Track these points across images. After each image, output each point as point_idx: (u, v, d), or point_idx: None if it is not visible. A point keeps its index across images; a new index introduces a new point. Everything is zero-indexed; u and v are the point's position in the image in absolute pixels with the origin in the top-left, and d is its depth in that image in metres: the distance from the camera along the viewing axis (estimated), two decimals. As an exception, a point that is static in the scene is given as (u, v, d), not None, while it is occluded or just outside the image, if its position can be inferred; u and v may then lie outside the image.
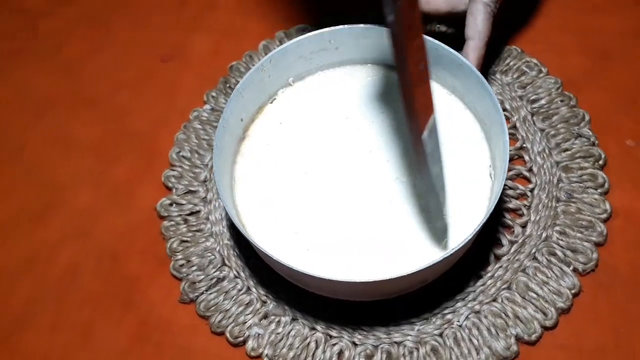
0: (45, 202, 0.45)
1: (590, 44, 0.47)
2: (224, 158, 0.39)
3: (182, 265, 0.42)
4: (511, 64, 0.47)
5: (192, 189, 0.44)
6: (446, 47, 0.39)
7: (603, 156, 0.42)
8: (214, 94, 0.48)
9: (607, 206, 0.40)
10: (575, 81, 0.46)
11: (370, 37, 0.41)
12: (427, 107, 0.32)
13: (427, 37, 0.39)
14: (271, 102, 0.43)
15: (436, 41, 0.39)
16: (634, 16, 0.48)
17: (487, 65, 0.47)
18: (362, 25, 0.41)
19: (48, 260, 0.43)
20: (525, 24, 0.49)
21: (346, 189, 0.39)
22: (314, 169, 0.40)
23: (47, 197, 0.46)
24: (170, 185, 0.45)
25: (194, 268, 0.42)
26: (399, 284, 0.35)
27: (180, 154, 0.46)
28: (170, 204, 0.44)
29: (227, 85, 0.49)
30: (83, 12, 0.55)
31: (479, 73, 0.38)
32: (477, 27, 0.39)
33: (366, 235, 0.37)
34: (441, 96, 0.42)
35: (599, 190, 0.41)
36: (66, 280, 0.42)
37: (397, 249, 0.37)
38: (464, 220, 0.37)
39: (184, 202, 0.44)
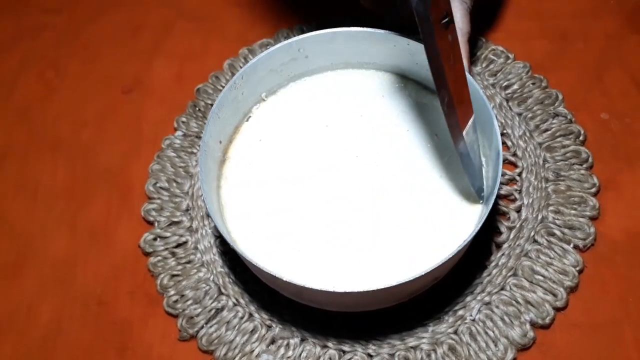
0: (18, 255, 0.42)
1: (549, 27, 0.49)
2: (208, 184, 0.37)
3: (176, 301, 0.39)
4: (478, 53, 0.47)
5: (175, 219, 0.42)
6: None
7: (582, 132, 0.43)
8: (184, 119, 0.46)
9: (595, 180, 0.41)
10: (541, 64, 0.47)
11: (338, 42, 0.41)
12: (466, 105, 0.34)
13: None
14: (247, 120, 0.42)
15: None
16: (585, -4, 0.50)
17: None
18: (330, 31, 0.40)
19: (29, 316, 0.40)
20: (482, 15, 0.50)
21: (339, 198, 0.38)
22: (302, 182, 0.39)
23: (19, 250, 0.42)
24: (151, 219, 0.42)
25: (189, 302, 0.39)
26: (408, 288, 0.34)
27: (158, 185, 0.44)
28: (155, 239, 0.42)
29: (197, 108, 0.47)
30: (29, 54, 0.52)
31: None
32: (458, 25, 0.40)
33: (367, 242, 0.36)
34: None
35: (584, 166, 0.41)
36: (51, 334, 0.39)
37: (400, 253, 0.36)
38: (461, 218, 0.37)
39: (168, 234, 0.42)
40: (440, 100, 0.33)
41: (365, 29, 0.40)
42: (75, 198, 0.44)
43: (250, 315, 0.39)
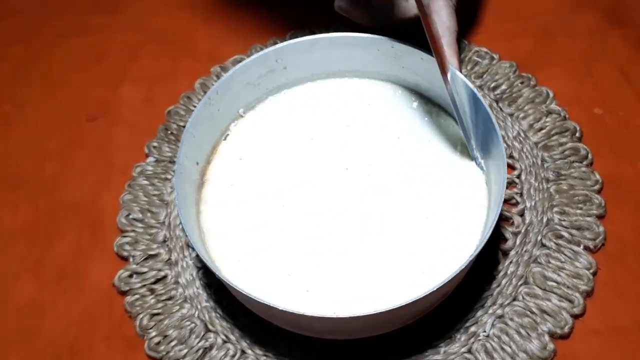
0: (-25, 306, 0.38)
1: (531, 25, 0.47)
2: (187, 210, 0.33)
3: (158, 343, 0.35)
4: (462, 56, 0.45)
5: (151, 252, 0.38)
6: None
7: (578, 128, 0.41)
8: (155, 144, 0.43)
9: (597, 176, 0.39)
10: (528, 62, 0.45)
11: (317, 50, 0.38)
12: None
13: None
14: (225, 139, 0.38)
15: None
16: (564, -8, 0.49)
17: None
18: (309, 38, 0.38)
19: (-10, 376, 0.35)
20: (462, 17, 0.48)
21: (331, 215, 0.35)
22: (290, 201, 0.36)
23: (-23, 300, 0.38)
24: (125, 254, 0.39)
25: (173, 343, 0.35)
26: (419, 306, 0.31)
27: (130, 216, 0.40)
28: (130, 275, 0.38)
29: (169, 132, 0.44)
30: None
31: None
32: (445, 24, 0.38)
33: (365, 262, 0.33)
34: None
35: (585, 163, 0.39)
36: (18, 394, 0.34)
37: (402, 270, 0.33)
38: (464, 228, 0.34)
39: (145, 269, 0.38)
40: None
41: (346, 34, 0.38)
42: (39, 237, 0.40)
43: (243, 352, 0.35)
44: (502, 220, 0.38)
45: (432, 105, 0.39)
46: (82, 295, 0.38)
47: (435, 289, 0.28)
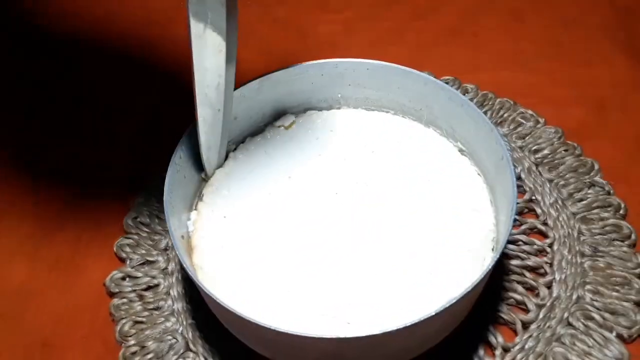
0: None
1: (585, 95, 0.45)
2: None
3: (134, 353, 0.33)
4: (505, 115, 0.43)
5: (150, 259, 0.37)
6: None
7: (623, 205, 0.37)
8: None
9: (640, 260, 0.35)
10: (575, 131, 0.42)
11: (264, 91, 0.36)
12: None
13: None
14: (201, 199, 0.35)
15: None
16: (624, 67, 0.46)
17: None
18: (255, 82, 0.36)
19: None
20: (515, 80, 0.47)
21: (328, 245, 0.32)
22: (286, 242, 0.33)
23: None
24: (123, 255, 0.37)
25: (149, 356, 0.33)
26: (417, 333, 0.27)
27: (138, 219, 0.39)
28: (123, 278, 0.36)
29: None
30: None
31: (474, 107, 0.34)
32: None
33: (362, 286, 0.30)
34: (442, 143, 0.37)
35: (627, 242, 0.36)
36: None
37: (404, 297, 0.30)
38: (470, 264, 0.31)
39: (139, 274, 0.36)
40: None
41: (289, 68, 0.36)
42: (45, 222, 0.39)
43: (220, 379, 0.32)
44: (527, 289, 0.35)
45: (400, 116, 0.38)
46: (71, 289, 0.36)
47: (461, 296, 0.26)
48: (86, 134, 0.45)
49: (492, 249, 0.32)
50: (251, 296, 0.31)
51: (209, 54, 0.31)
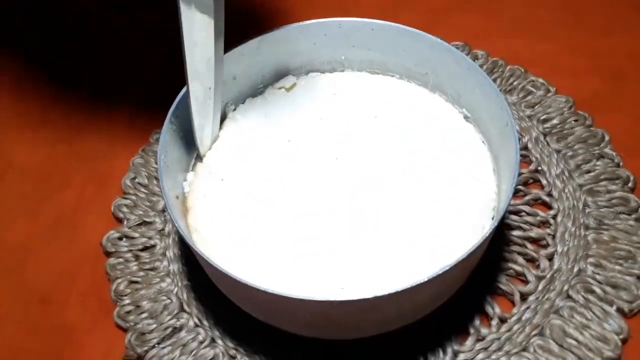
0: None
1: (602, 65, 0.43)
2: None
3: (129, 312, 0.33)
4: (515, 83, 0.42)
5: (147, 219, 0.37)
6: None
7: (632, 178, 0.36)
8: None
9: (647, 234, 0.34)
10: (588, 102, 0.41)
11: (264, 51, 0.35)
12: None
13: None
14: (201, 161, 0.34)
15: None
16: (644, 38, 0.45)
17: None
18: (254, 40, 0.35)
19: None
20: (528, 48, 0.45)
21: (328, 208, 0.32)
22: (284, 203, 0.32)
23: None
24: (121, 215, 0.37)
25: (144, 315, 0.33)
26: (412, 299, 0.27)
27: (136, 180, 0.38)
28: (120, 238, 0.36)
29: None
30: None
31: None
32: None
33: (358, 251, 0.30)
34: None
35: (633, 216, 0.35)
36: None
37: (403, 256, 0.30)
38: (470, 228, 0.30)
39: (136, 235, 0.36)
40: None
41: (290, 25, 0.35)
42: (47, 181, 0.39)
43: (213, 340, 0.32)
44: (527, 260, 0.34)
45: (405, 80, 0.37)
46: (70, 247, 0.36)
47: (454, 264, 0.25)
48: (88, 90, 0.44)
49: (492, 218, 0.31)
50: (246, 259, 0.30)
51: (197, 27, 0.30)
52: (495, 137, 0.32)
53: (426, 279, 0.25)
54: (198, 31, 0.30)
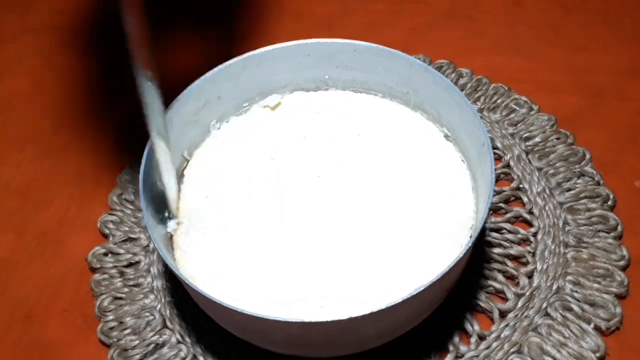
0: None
1: (582, 82, 0.44)
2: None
3: (112, 328, 0.33)
4: (498, 101, 0.43)
5: (132, 236, 0.37)
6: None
7: (612, 196, 0.37)
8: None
9: (625, 252, 0.34)
10: (570, 119, 0.42)
11: (248, 70, 0.36)
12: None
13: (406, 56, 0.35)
14: (181, 183, 0.35)
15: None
16: (624, 56, 0.45)
17: (474, 102, 0.43)
18: (238, 59, 0.35)
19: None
20: (511, 65, 0.46)
21: (308, 225, 0.32)
22: (264, 225, 0.32)
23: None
24: (106, 231, 0.37)
25: (127, 331, 0.33)
26: (389, 319, 0.27)
27: (123, 196, 0.39)
28: (105, 254, 0.36)
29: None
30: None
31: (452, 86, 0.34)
32: None
33: (338, 271, 0.30)
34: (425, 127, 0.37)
35: (612, 234, 0.35)
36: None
37: (385, 277, 0.30)
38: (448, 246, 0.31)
39: (121, 251, 0.36)
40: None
41: (275, 45, 0.36)
42: (32, 197, 0.40)
43: (195, 357, 0.32)
44: (507, 278, 0.34)
45: (387, 99, 0.38)
46: (55, 262, 0.37)
47: (435, 280, 0.26)
48: (75, 106, 0.45)
49: (471, 237, 0.31)
50: (227, 276, 0.31)
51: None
52: (474, 157, 0.33)
53: (400, 300, 0.25)
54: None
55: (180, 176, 0.35)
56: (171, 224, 0.32)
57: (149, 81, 0.28)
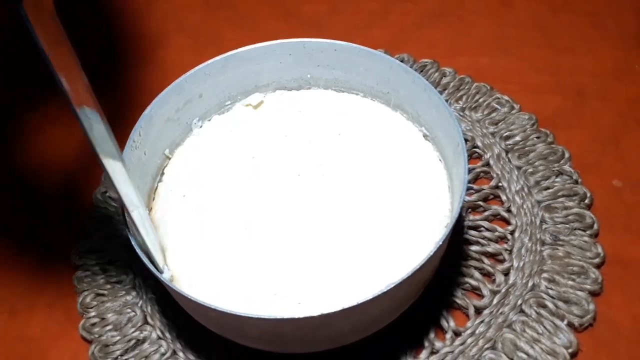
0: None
1: (565, 83, 0.44)
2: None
3: (94, 324, 0.34)
4: (480, 100, 0.43)
5: (116, 232, 0.38)
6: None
7: (589, 195, 0.37)
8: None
9: (600, 249, 0.35)
10: (551, 119, 0.42)
11: (229, 70, 0.36)
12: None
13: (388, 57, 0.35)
14: (161, 180, 0.35)
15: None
16: (608, 57, 0.46)
17: (456, 101, 0.43)
18: (218, 58, 0.35)
19: None
20: (495, 65, 0.46)
21: (287, 223, 0.33)
22: (247, 219, 0.33)
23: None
24: (91, 229, 0.38)
25: (108, 327, 0.34)
26: (362, 315, 0.28)
27: (107, 194, 0.39)
28: (88, 251, 0.37)
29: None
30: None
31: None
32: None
33: (316, 267, 0.31)
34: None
35: (588, 232, 0.36)
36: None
37: (363, 273, 0.30)
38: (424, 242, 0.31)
39: (104, 248, 0.37)
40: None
41: (257, 45, 0.36)
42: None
43: (174, 353, 0.33)
44: (483, 275, 0.35)
45: (368, 98, 0.38)
46: (39, 259, 0.37)
47: (411, 274, 0.26)
48: (58, 103, 0.46)
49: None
50: (206, 273, 0.31)
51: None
52: (450, 156, 0.33)
53: (371, 297, 0.26)
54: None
55: (160, 174, 0.35)
56: (166, 274, 0.31)
57: (90, 116, 0.25)
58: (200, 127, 0.37)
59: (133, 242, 0.29)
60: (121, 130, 0.34)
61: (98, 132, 0.26)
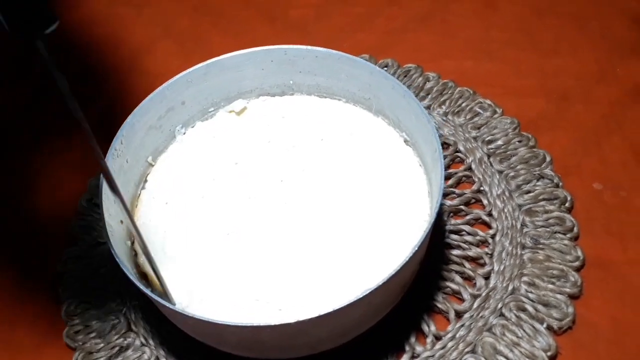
0: None
1: (548, 86, 0.45)
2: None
3: (78, 332, 0.34)
4: (463, 104, 0.43)
5: (101, 240, 0.38)
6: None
7: (569, 198, 0.37)
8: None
9: (580, 253, 0.35)
10: (534, 122, 0.42)
11: (211, 77, 0.37)
12: None
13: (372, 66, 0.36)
14: (144, 188, 0.35)
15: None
16: (591, 60, 0.46)
17: (439, 106, 0.43)
18: (201, 65, 0.36)
19: None
20: (479, 69, 0.46)
21: (269, 229, 0.33)
22: (225, 229, 0.33)
23: None
24: (76, 236, 0.38)
25: (92, 335, 0.34)
26: (339, 322, 0.28)
27: (93, 201, 0.40)
28: (74, 259, 0.37)
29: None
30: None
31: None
32: None
33: (297, 274, 0.31)
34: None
35: (568, 235, 0.36)
36: None
37: (337, 279, 0.31)
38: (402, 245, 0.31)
39: (89, 255, 0.37)
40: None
41: (237, 52, 0.36)
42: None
43: (158, 359, 0.33)
44: (464, 279, 0.35)
45: (351, 104, 0.38)
46: (24, 266, 0.37)
47: (392, 275, 0.27)
48: (49, 107, 0.46)
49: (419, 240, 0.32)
50: (188, 280, 0.31)
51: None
52: (429, 161, 0.33)
53: (347, 303, 0.26)
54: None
55: (143, 182, 0.35)
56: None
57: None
58: (184, 134, 0.37)
59: (113, 252, 0.29)
60: (110, 137, 0.34)
61: None
